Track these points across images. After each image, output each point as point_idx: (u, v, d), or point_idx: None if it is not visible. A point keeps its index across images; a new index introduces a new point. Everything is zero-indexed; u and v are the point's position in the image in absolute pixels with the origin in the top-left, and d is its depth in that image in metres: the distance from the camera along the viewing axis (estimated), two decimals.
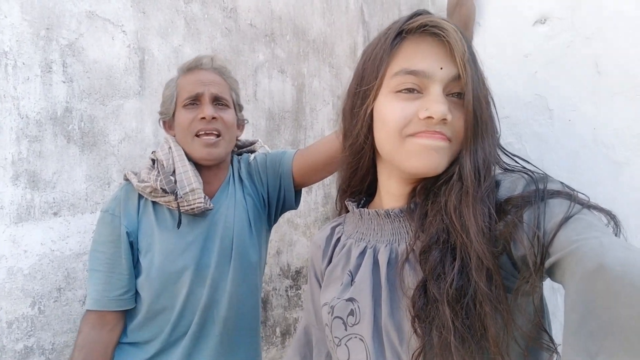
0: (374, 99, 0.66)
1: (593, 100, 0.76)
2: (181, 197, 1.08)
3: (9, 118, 1.23)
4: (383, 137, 0.66)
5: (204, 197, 1.11)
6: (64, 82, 1.33)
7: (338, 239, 0.79)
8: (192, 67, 1.18)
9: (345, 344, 0.68)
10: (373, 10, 2.54)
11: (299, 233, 2.16)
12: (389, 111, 0.64)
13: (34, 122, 1.27)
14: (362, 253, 0.71)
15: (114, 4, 1.45)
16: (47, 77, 1.30)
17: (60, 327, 1.30)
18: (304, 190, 2.25)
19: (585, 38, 0.77)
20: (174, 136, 1.20)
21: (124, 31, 1.47)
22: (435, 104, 0.59)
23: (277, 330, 2.04)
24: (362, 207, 0.77)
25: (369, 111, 0.67)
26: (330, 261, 0.78)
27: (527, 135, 0.83)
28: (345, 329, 0.68)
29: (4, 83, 1.22)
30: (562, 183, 0.57)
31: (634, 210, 0.60)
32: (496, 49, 0.75)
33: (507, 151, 0.66)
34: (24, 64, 1.26)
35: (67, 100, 1.34)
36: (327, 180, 2.28)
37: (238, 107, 1.25)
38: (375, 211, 0.71)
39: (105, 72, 1.43)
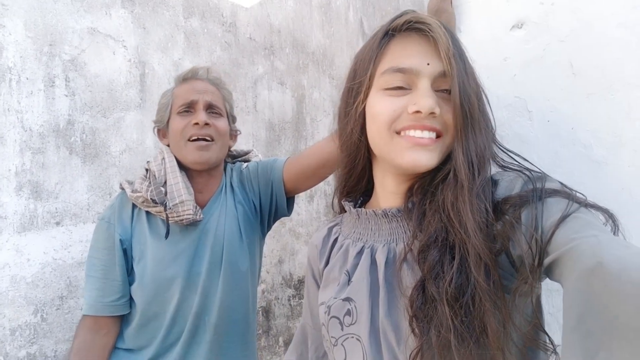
0: (365, 98, 0.67)
1: (570, 101, 0.78)
2: (170, 208, 1.11)
3: (13, 131, 1.28)
4: (374, 133, 0.66)
5: (195, 208, 1.13)
6: (66, 95, 1.38)
7: (335, 240, 0.78)
8: (187, 77, 1.22)
9: (342, 344, 0.67)
10: (372, 23, 2.57)
11: (300, 242, 2.18)
12: (379, 107, 0.64)
13: (37, 135, 1.32)
14: (360, 253, 0.71)
15: (115, 20, 1.50)
16: (50, 91, 1.35)
17: (62, 334, 1.33)
18: (305, 199, 2.28)
19: (560, 41, 0.79)
20: (168, 145, 1.22)
21: (124, 46, 1.52)
22: (423, 99, 0.60)
23: (280, 339, 2.04)
24: (359, 207, 0.76)
25: (360, 109, 0.68)
26: (327, 262, 0.78)
27: (508, 137, 0.84)
28: (342, 329, 0.68)
29: (8, 97, 1.27)
30: (560, 182, 0.57)
31: (613, 208, 0.61)
32: (476, 53, 0.77)
33: (503, 147, 0.66)
34: (27, 78, 1.31)
35: (70, 113, 1.38)
36: (329, 189, 2.30)
37: (232, 118, 1.28)
38: (373, 211, 0.70)
39: (107, 86, 1.47)
